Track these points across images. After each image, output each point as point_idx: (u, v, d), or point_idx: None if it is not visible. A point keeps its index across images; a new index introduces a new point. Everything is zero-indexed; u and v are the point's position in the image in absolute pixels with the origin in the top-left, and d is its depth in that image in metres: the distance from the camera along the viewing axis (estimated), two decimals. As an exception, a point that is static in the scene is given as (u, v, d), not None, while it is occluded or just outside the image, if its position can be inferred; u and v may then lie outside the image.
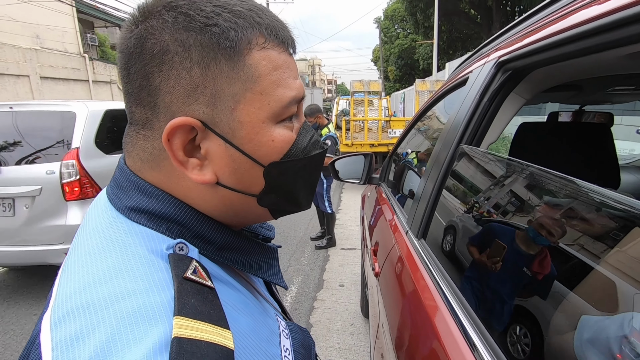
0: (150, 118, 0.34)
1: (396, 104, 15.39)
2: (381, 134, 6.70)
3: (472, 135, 0.82)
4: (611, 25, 0.45)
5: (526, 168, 0.60)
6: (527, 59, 0.67)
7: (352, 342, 2.37)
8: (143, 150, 0.35)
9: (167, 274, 0.30)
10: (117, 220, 0.34)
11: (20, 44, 11.29)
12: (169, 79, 0.32)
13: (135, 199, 0.35)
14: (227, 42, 0.32)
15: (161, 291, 0.28)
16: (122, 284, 0.28)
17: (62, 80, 12.72)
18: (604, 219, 0.42)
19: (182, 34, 0.32)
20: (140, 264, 0.30)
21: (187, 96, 0.33)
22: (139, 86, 0.33)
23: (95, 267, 0.30)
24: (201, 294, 0.30)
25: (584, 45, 0.51)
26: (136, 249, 0.31)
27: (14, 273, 3.47)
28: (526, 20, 0.77)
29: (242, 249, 0.39)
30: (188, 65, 0.32)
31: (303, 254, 3.86)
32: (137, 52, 0.33)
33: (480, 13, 16.65)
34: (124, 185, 0.36)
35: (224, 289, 0.34)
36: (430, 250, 0.83)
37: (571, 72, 0.79)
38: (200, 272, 0.31)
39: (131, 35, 0.33)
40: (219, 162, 0.35)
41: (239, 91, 0.34)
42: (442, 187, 0.87)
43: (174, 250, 0.32)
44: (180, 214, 0.35)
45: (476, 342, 0.54)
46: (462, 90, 0.95)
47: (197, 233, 0.35)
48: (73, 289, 0.29)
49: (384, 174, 1.95)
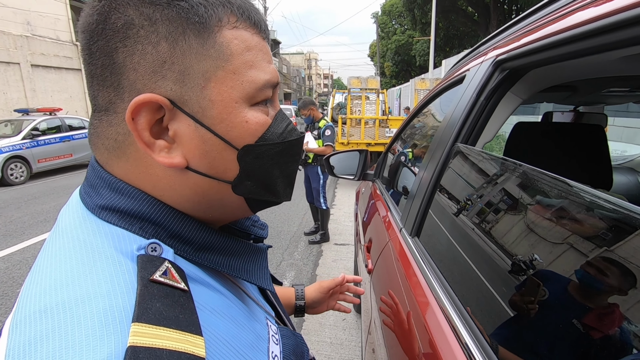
0: (114, 100, 0.32)
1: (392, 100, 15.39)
2: (378, 132, 6.61)
3: (468, 134, 0.82)
4: (610, 27, 0.45)
5: (520, 168, 0.60)
6: (525, 59, 0.67)
7: (343, 336, 2.39)
8: (107, 137, 0.33)
9: (133, 277, 0.28)
10: (87, 220, 0.32)
11: (11, 30, 11.04)
12: (133, 55, 0.30)
13: (107, 197, 0.33)
14: (196, 17, 0.31)
15: (124, 295, 0.27)
16: (84, 287, 0.27)
17: (53, 69, 12.49)
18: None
19: (148, 7, 0.30)
20: (106, 265, 0.28)
21: (154, 72, 0.31)
22: (102, 65, 0.31)
23: (58, 269, 0.28)
24: (170, 297, 0.28)
25: (582, 47, 0.51)
26: (103, 250, 0.29)
27: (3, 264, 3.43)
28: (524, 20, 0.77)
29: (225, 249, 0.37)
30: (154, 40, 0.30)
31: (296, 249, 3.86)
32: (99, 29, 0.31)
33: (478, 11, 16.66)
34: (95, 182, 0.34)
35: (202, 291, 0.32)
36: (424, 249, 0.83)
37: (568, 73, 0.79)
38: (172, 274, 0.30)
39: (93, 11, 0.31)
40: (188, 144, 0.33)
41: (210, 68, 0.32)
42: (437, 185, 0.87)
43: (145, 251, 0.30)
44: (154, 212, 0.33)
45: (467, 341, 0.54)
46: (459, 89, 0.95)
47: (173, 232, 0.33)
48: (35, 292, 0.27)
49: (378, 171, 1.95)
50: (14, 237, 4.13)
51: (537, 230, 0.52)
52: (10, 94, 11.10)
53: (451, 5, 16.87)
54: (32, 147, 7.57)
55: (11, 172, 7.15)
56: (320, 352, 2.23)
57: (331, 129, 3.77)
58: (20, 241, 4.00)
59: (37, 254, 2.41)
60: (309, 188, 3.97)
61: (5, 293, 2.91)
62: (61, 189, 6.66)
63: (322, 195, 3.87)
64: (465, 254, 0.69)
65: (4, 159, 6.99)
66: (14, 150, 7.21)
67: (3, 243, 3.96)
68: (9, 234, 4.24)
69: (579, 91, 1.17)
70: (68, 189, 6.65)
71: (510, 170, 0.64)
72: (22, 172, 7.36)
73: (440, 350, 0.57)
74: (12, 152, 7.17)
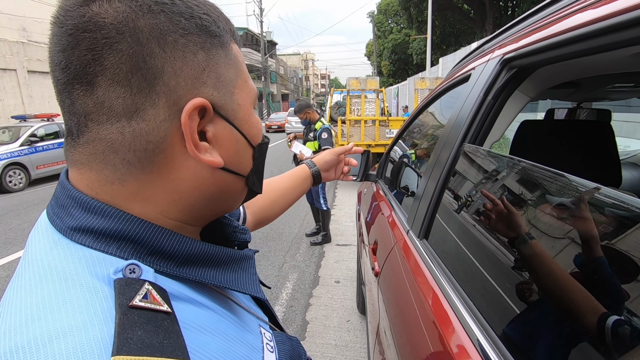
0: (142, 106, 0.30)
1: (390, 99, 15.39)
2: (378, 133, 6.53)
3: (476, 134, 0.81)
4: (620, 26, 0.44)
5: (529, 167, 0.59)
6: (534, 57, 0.66)
7: (348, 338, 2.37)
8: (131, 149, 0.31)
9: (112, 303, 0.26)
10: (59, 245, 0.30)
11: (7, 37, 11.02)
12: (175, 61, 0.31)
13: (79, 217, 0.31)
14: (217, 30, 0.34)
15: (102, 325, 0.25)
16: (57, 320, 0.25)
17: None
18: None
19: (179, 17, 0.31)
20: (81, 293, 0.26)
21: (196, 78, 0.32)
22: (127, 70, 0.29)
23: (28, 303, 0.26)
24: (152, 322, 0.26)
25: (592, 45, 0.51)
26: (77, 277, 0.27)
27: (4, 271, 3.41)
28: (531, 17, 0.76)
29: (209, 259, 0.35)
30: (193, 48, 0.32)
31: (298, 251, 3.85)
32: (125, 29, 0.29)
33: (474, 8, 16.68)
34: (64, 202, 0.32)
35: (187, 309, 0.31)
36: (433, 251, 0.82)
37: (576, 70, 0.78)
38: (154, 296, 0.28)
39: (109, 9, 0.29)
40: (224, 145, 0.35)
41: (234, 77, 0.36)
42: (445, 186, 0.86)
43: (123, 273, 0.28)
44: (132, 229, 0.31)
45: (483, 344, 0.53)
46: (464, 88, 0.94)
47: (154, 249, 0.32)
48: (3, 330, 0.25)
49: (381, 171, 1.94)
50: (14, 245, 4.11)
51: (549, 231, 0.51)
52: (7, 100, 11.07)
53: (447, 3, 16.88)
54: (31, 154, 7.54)
55: (10, 179, 7.12)
56: (325, 355, 2.22)
57: (327, 131, 3.73)
58: (20, 249, 3.98)
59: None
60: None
61: (6, 301, 2.90)
62: (60, 195, 6.63)
63: (322, 196, 3.86)
64: (476, 256, 0.68)
65: (2, 166, 6.96)
66: (12, 157, 7.18)
67: (3, 251, 3.94)
68: (9, 242, 4.22)
69: (584, 87, 1.16)
70: (67, 195, 6.61)
71: (520, 169, 0.63)
72: (20, 178, 7.33)
73: (453, 351, 0.56)
74: (11, 159, 7.14)
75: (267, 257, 3.61)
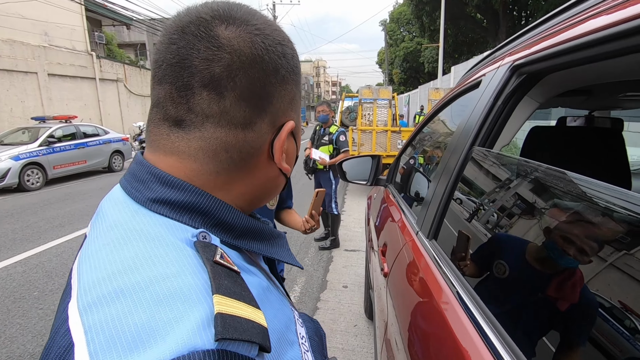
0: (254, 119, 0.37)
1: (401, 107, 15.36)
2: (390, 143, 6.42)
3: (485, 138, 0.83)
4: (630, 32, 0.46)
5: (544, 171, 0.60)
6: (543, 63, 0.68)
7: (355, 343, 2.37)
8: (237, 150, 0.38)
9: (197, 259, 0.31)
10: (139, 212, 0.34)
11: (30, 41, 11.40)
12: (282, 91, 0.39)
13: (158, 190, 0.35)
14: (298, 69, 0.43)
15: (195, 274, 0.29)
16: (154, 270, 0.29)
17: (69, 78, 12.83)
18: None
19: (288, 59, 0.40)
20: (169, 250, 0.31)
21: (289, 105, 0.41)
22: (252, 90, 0.36)
23: (122, 256, 0.30)
24: (231, 277, 0.31)
25: (600, 51, 0.52)
26: (162, 238, 0.32)
27: (21, 267, 3.51)
28: (541, 25, 0.78)
29: (260, 233, 0.41)
30: (291, 82, 0.41)
31: (307, 255, 3.86)
32: (257, 60, 0.36)
33: (487, 17, 16.63)
34: (145, 178, 0.37)
35: (245, 276, 0.35)
36: (442, 251, 0.84)
37: (586, 77, 0.79)
38: (227, 257, 0.33)
39: (247, 39, 0.36)
40: (289, 155, 0.44)
41: (300, 104, 0.45)
42: (454, 188, 0.88)
43: (197, 238, 0.33)
44: (203, 202, 0.36)
45: (494, 341, 0.54)
46: (475, 93, 0.96)
47: (219, 221, 0.37)
48: (100, 277, 0.29)
49: (391, 176, 1.96)
50: (30, 242, 4.22)
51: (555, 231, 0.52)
52: (27, 102, 11.42)
53: (460, 12, 16.87)
54: (48, 154, 7.75)
55: (27, 178, 7.31)
56: (332, 358, 2.22)
57: (344, 134, 3.84)
58: (37, 245, 4.09)
59: (52, 258, 2.48)
60: (319, 194, 3.98)
61: (22, 296, 2.97)
62: (75, 195, 6.80)
63: (334, 200, 3.88)
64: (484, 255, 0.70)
65: (21, 165, 7.16)
66: (30, 157, 7.39)
67: (20, 247, 4.05)
68: (26, 239, 4.33)
69: (595, 95, 1.17)
70: (82, 195, 6.77)
71: (532, 172, 0.65)
72: (38, 178, 7.53)
73: (467, 355, 0.57)
74: (29, 159, 7.35)
75: (275, 260, 3.63)
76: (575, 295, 0.47)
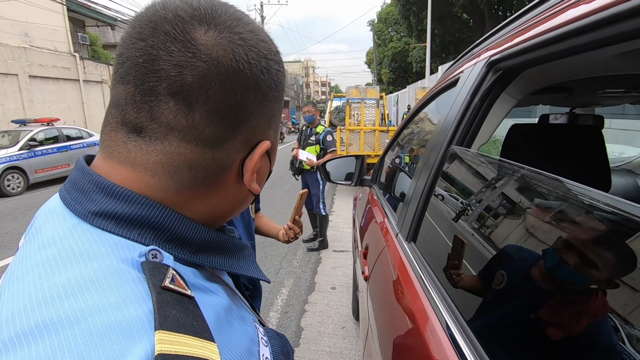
0: (226, 137, 0.34)
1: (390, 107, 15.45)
2: (378, 143, 6.40)
3: (463, 136, 0.81)
4: (599, 23, 0.44)
5: (519, 170, 0.58)
6: (518, 58, 0.66)
7: (343, 345, 2.35)
8: (202, 169, 0.34)
9: (142, 284, 0.27)
10: (78, 228, 0.30)
11: (9, 42, 11.10)
12: (260, 108, 0.35)
13: (101, 202, 0.31)
14: (282, 85, 0.39)
15: (137, 304, 0.25)
16: (88, 299, 0.25)
17: (51, 80, 12.53)
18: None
19: (271, 74, 0.36)
20: (109, 274, 0.27)
21: (267, 123, 0.37)
22: (226, 107, 0.33)
23: (53, 281, 0.26)
24: (181, 304, 0.27)
25: (573, 44, 0.50)
26: (103, 259, 0.28)
27: None
28: (517, 20, 0.76)
29: (221, 247, 0.38)
30: (273, 100, 0.37)
31: (295, 256, 3.83)
32: (237, 74, 0.32)
33: (473, 17, 16.84)
34: (86, 187, 0.32)
35: (202, 298, 0.31)
36: (420, 254, 0.81)
37: (562, 73, 0.78)
38: (179, 281, 0.29)
39: (228, 49, 0.32)
40: (261, 174, 0.40)
41: (279, 120, 0.41)
42: (432, 189, 0.85)
43: (146, 257, 0.29)
44: (155, 214, 0.32)
45: (463, 348, 0.52)
46: (453, 91, 0.94)
47: (173, 235, 0.33)
48: (22, 307, 0.25)
49: (375, 176, 1.93)
50: (9, 249, 4.09)
51: (536, 234, 0.50)
52: (7, 104, 11.11)
53: (446, 12, 17.03)
54: (30, 158, 7.54)
55: (8, 183, 7.11)
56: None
57: (331, 134, 3.82)
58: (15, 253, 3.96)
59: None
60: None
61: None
62: (58, 199, 6.62)
63: (322, 201, 3.86)
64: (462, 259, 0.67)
65: (1, 170, 6.96)
66: (10, 161, 7.18)
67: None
68: (5, 246, 4.20)
69: (575, 92, 1.16)
70: (65, 199, 6.60)
71: (508, 172, 0.63)
72: (19, 183, 7.33)
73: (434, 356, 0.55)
74: (9, 163, 7.14)
75: (263, 263, 3.59)
76: (579, 326, 0.40)
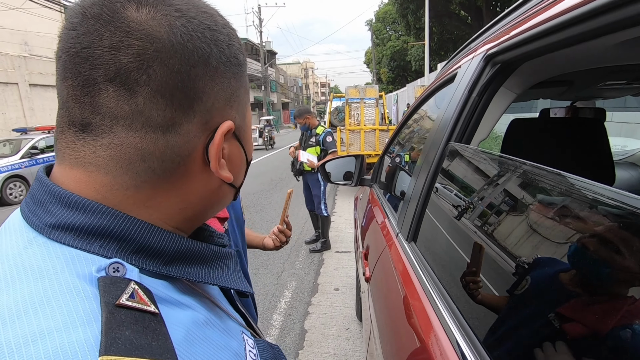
0: (179, 120, 0.31)
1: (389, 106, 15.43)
2: (378, 142, 6.36)
3: (462, 132, 0.79)
4: (596, 11, 0.42)
5: (520, 166, 0.56)
6: (515, 51, 0.64)
7: (347, 347, 2.33)
8: (159, 159, 0.31)
9: (95, 302, 0.25)
10: (34, 243, 0.28)
11: (8, 51, 11.16)
12: (215, 85, 0.33)
13: (58, 214, 0.29)
14: (243, 60, 0.37)
15: (86, 326, 0.23)
16: (34, 322, 0.23)
17: (51, 87, 12.56)
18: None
19: (222, 46, 0.34)
20: (61, 293, 0.25)
21: (227, 102, 0.35)
22: (172, 86, 0.30)
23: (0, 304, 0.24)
24: (140, 322, 0.25)
25: (571, 34, 0.49)
26: (56, 276, 0.26)
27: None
28: (514, 12, 0.74)
29: (196, 257, 0.35)
30: (229, 75, 0.35)
31: (297, 258, 3.81)
32: (177, 49, 0.30)
33: (471, 14, 16.81)
34: (43, 199, 0.30)
35: (172, 312, 0.29)
36: (421, 254, 0.79)
37: (561, 65, 0.76)
38: (140, 296, 0.27)
39: (164, 23, 0.30)
40: (233, 162, 0.37)
41: (247, 100, 0.39)
42: (432, 187, 0.83)
43: (106, 272, 0.27)
44: (117, 225, 0.30)
45: (464, 348, 0.50)
46: (451, 87, 0.92)
47: (139, 246, 0.30)
48: None
49: (375, 175, 1.92)
50: (12, 257, 4.09)
51: (539, 230, 0.48)
52: (8, 113, 11.16)
53: (444, 10, 17.00)
54: (31, 166, 7.56)
55: (10, 191, 7.13)
56: (324, 364, 2.17)
57: (331, 134, 3.80)
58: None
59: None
60: (308, 196, 3.94)
61: None
62: (60, 207, 6.63)
63: (324, 202, 3.84)
64: (463, 258, 0.66)
65: (3, 178, 6.98)
66: (12, 169, 7.21)
67: None
68: (7, 254, 4.20)
69: (575, 85, 1.14)
70: (67, 207, 6.61)
71: (509, 168, 0.61)
72: (21, 191, 7.34)
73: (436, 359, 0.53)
74: (11, 172, 7.17)
75: (265, 266, 3.58)
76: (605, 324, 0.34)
